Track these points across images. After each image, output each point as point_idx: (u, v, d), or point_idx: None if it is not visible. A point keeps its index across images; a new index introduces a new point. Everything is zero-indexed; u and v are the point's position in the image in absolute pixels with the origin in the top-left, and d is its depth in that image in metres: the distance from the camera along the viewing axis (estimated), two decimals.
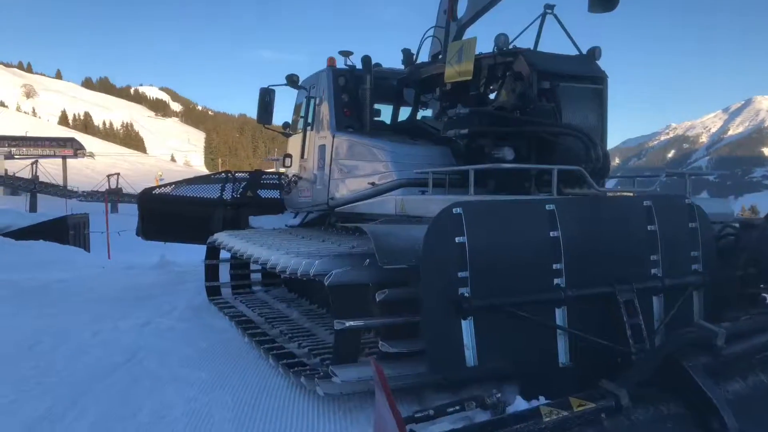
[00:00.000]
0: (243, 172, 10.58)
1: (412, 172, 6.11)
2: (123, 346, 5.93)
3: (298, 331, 6.03)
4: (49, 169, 57.71)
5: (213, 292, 8.07)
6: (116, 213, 41.81)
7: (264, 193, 10.51)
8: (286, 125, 9.19)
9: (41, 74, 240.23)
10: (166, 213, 9.79)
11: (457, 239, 3.16)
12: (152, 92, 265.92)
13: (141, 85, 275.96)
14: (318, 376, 4.24)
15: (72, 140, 66.28)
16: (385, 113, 8.36)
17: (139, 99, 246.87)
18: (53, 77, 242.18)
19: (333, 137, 7.45)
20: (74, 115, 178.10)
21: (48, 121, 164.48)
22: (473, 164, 5.37)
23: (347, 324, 3.85)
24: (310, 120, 8.44)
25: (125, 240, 18.11)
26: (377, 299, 3.95)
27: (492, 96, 6.32)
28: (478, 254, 3.21)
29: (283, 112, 9.45)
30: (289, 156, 9.05)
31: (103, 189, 53.81)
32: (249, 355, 5.68)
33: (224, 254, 8.09)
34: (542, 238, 3.48)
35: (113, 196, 49.57)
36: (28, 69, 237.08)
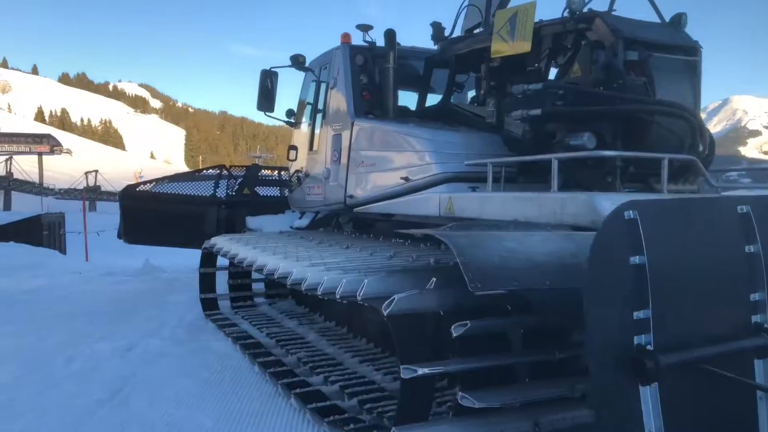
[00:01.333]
0: (238, 166, 9.42)
1: (459, 164, 5.04)
2: (103, 377, 4.78)
3: (320, 359, 4.93)
4: (25, 166, 55.59)
5: (209, 305, 6.92)
6: (95, 211, 40.21)
7: (262, 191, 9.36)
8: (290, 113, 8.06)
9: (16, 69, 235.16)
10: (151, 213, 8.61)
11: (632, 260, 2.10)
12: (131, 89, 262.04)
13: (120, 81, 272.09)
14: None
15: (48, 136, 64.12)
16: (405, 100, 7.25)
17: (118, 95, 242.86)
18: (29, 72, 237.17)
19: (352, 125, 6.35)
20: (51, 111, 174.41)
21: (24, 117, 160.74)
22: (540, 154, 4.34)
23: (420, 372, 2.76)
24: (320, 107, 7.34)
25: (105, 241, 16.80)
26: (454, 334, 2.87)
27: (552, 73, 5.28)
28: (662, 283, 2.13)
29: (287, 98, 8.31)
30: (294, 148, 7.94)
31: (80, 186, 51.97)
32: (263, 390, 4.56)
33: (221, 261, 6.96)
34: (736, 256, 2.42)
35: (91, 194, 47.84)
36: (3, 64, 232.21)
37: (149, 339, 5.78)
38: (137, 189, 8.80)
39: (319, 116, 7.38)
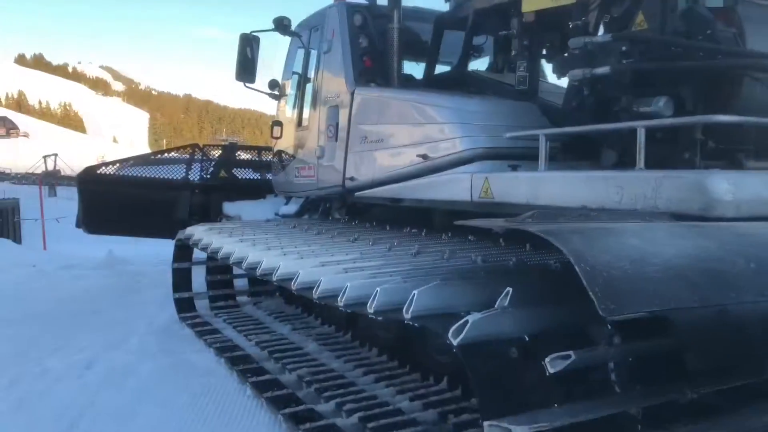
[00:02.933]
0: (213, 146, 8.38)
1: (492, 137, 4.16)
2: (56, 406, 3.82)
3: (326, 378, 4.03)
4: None
5: (185, 306, 5.94)
6: (54, 197, 38.27)
7: (240, 174, 8.33)
8: (273, 84, 7.06)
9: None
10: (115, 198, 7.53)
11: None
12: (92, 70, 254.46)
13: (80, 62, 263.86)
14: None
15: (4, 119, 61.40)
16: (408, 70, 6.28)
17: (78, 77, 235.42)
18: None
19: (352, 95, 5.41)
20: (6, 93, 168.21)
21: None
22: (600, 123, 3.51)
23: (514, 430, 1.89)
24: (310, 76, 6.39)
25: (64, 228, 15.48)
26: (550, 369, 2.01)
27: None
28: None
29: (271, 67, 7.29)
30: (279, 124, 6.96)
31: (39, 171, 49.70)
32: (258, 420, 3.65)
33: (197, 254, 5.99)
34: None
35: (51, 179, 45.70)
36: None
37: (113, 352, 4.80)
38: (98, 171, 7.69)
39: (309, 87, 6.43)
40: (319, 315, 5.55)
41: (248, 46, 6.62)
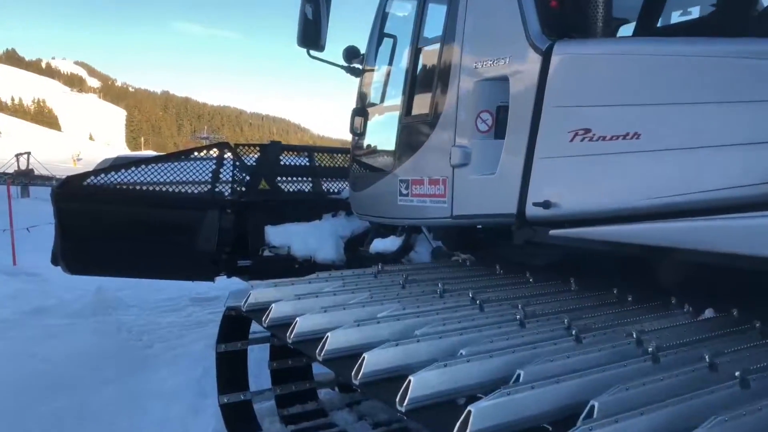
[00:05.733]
0: (248, 145, 5.93)
1: None
2: None
3: None
4: None
5: (239, 416, 3.53)
6: (28, 197, 35.26)
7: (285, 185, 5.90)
8: (352, 54, 4.72)
9: None
10: (108, 223, 5.09)
11: None
12: (67, 66, 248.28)
13: (54, 58, 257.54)
14: None
15: None
16: None
17: (52, 73, 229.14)
18: None
19: (544, 56, 3.05)
20: None
21: None
22: None
23: None
24: (428, 35, 4.07)
25: (38, 238, 12.79)
26: None
27: None
28: None
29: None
30: (362, 114, 4.61)
31: (11, 171, 46.50)
32: None
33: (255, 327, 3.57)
34: None
35: (23, 179, 42.54)
36: None
37: None
38: (83, 183, 5.21)
39: (427, 54, 4.07)
40: None
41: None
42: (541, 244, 3.36)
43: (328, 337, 2.42)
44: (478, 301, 2.81)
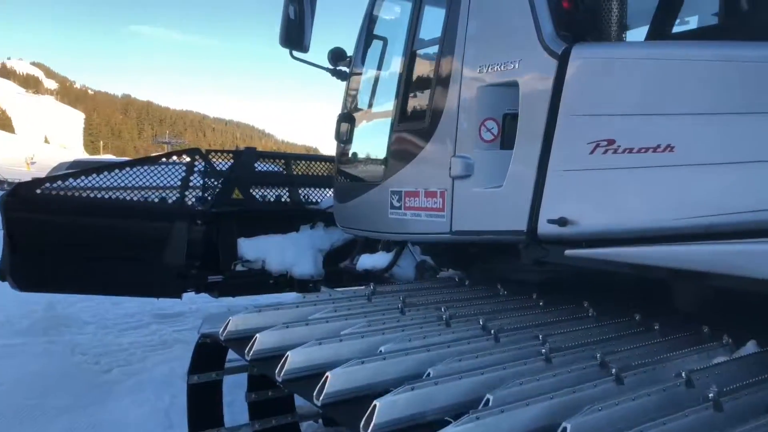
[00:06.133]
0: (220, 151, 5.52)
1: None
2: None
3: None
4: None
5: None
6: None
7: (259, 193, 5.51)
8: (338, 56, 4.40)
9: None
10: (64, 235, 4.63)
11: None
12: (22, 67, 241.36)
13: (9, 58, 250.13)
14: None
15: None
16: None
17: (7, 74, 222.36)
18: None
19: (561, 59, 2.78)
20: None
21: None
22: None
23: None
24: (424, 37, 3.79)
25: None
26: None
27: None
28: None
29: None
30: (349, 120, 4.28)
31: None
32: None
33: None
34: None
35: None
36: None
37: None
38: (37, 191, 4.72)
39: (423, 56, 3.78)
40: None
41: None
42: (551, 264, 3.08)
43: (328, 377, 2.07)
44: (492, 331, 2.50)
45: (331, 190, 5.62)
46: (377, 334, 2.51)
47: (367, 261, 4.19)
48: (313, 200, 5.65)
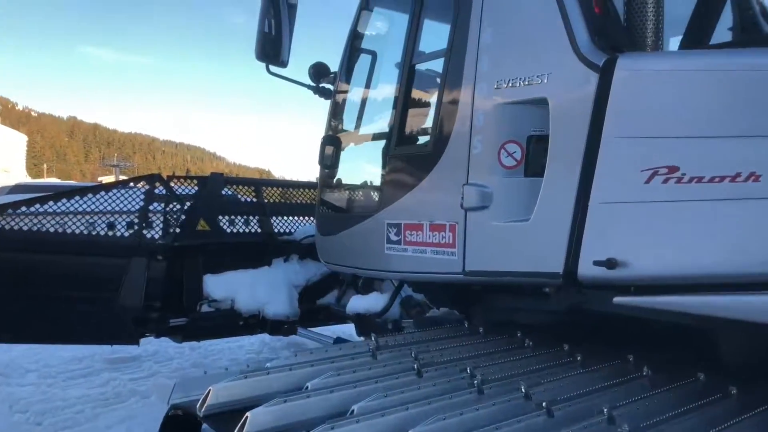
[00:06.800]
0: (184, 177, 4.94)
1: None
2: None
3: None
4: None
5: None
6: None
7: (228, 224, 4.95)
8: (321, 72, 3.93)
9: None
10: (3, 275, 3.97)
11: None
12: None
13: None
14: None
15: None
16: None
17: None
18: None
19: (603, 72, 2.37)
20: None
21: None
22: None
23: None
24: (424, 50, 3.36)
25: None
26: None
27: None
28: None
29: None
30: (335, 143, 3.80)
31: None
32: None
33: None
34: None
35: None
36: None
37: None
38: None
39: (424, 71, 3.34)
40: None
41: (273, 8, 3.57)
42: (590, 312, 2.64)
43: None
44: (544, 404, 2.03)
45: (307, 219, 5.13)
46: (400, 410, 2.01)
47: (359, 304, 3.68)
48: (287, 231, 5.11)
